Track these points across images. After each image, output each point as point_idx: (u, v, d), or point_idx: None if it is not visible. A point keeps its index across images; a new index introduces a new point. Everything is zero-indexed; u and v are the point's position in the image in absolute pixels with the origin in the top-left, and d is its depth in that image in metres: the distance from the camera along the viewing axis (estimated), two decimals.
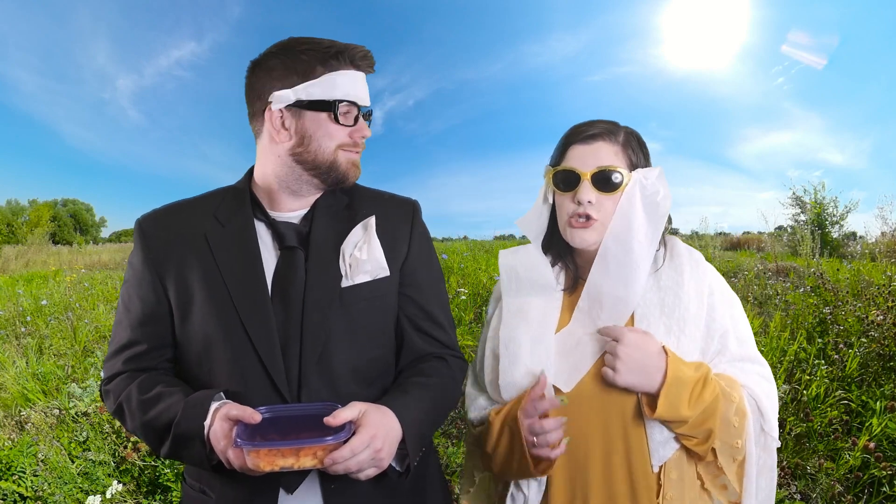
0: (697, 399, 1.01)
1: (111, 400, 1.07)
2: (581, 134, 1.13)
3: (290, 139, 1.07)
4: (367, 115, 1.12)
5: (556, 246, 1.20)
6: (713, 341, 1.09)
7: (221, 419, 0.93)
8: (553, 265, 1.21)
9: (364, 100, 1.08)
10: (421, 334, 1.15)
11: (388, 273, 1.10)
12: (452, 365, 1.16)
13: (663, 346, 1.05)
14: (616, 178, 1.10)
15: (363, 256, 1.08)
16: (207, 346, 1.04)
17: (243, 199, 1.12)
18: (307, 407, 0.97)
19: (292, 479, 1.01)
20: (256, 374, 1.02)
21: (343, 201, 1.15)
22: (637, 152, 1.14)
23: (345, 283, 1.07)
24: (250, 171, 1.15)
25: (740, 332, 1.11)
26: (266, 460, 0.86)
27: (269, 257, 1.08)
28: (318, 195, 1.13)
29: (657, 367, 1.02)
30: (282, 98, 1.06)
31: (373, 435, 0.92)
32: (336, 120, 1.05)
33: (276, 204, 1.11)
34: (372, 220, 1.11)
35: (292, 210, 1.12)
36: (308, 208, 1.12)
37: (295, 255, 1.07)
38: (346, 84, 1.06)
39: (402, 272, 1.14)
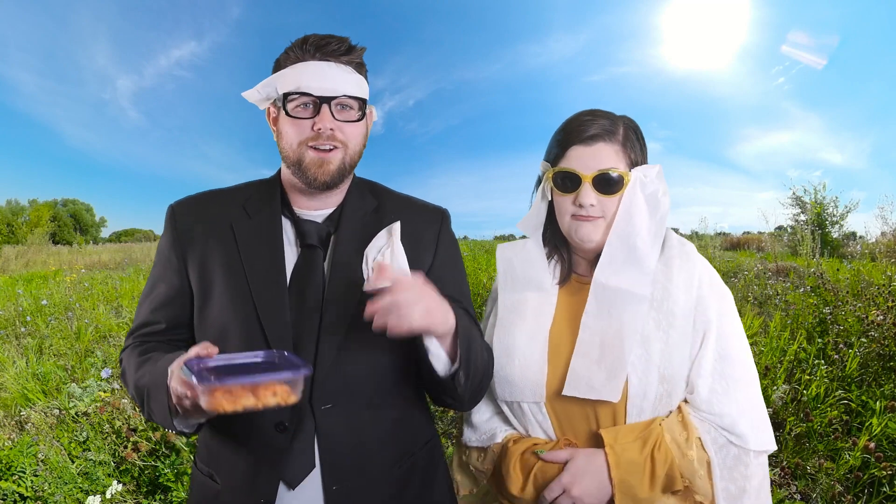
0: (652, 479, 1.02)
1: (121, 369, 1.11)
2: (581, 134, 1.11)
3: (276, 136, 1.11)
4: (361, 105, 1.08)
5: (554, 239, 1.21)
6: (699, 335, 1.08)
7: (180, 360, 0.90)
8: (549, 258, 1.22)
9: (323, 89, 1.03)
10: None
11: None
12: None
13: (604, 449, 1.04)
14: (617, 179, 1.09)
15: (386, 261, 1.05)
16: (222, 334, 1.04)
17: (273, 194, 1.12)
18: (253, 355, 0.95)
19: (295, 474, 1.01)
20: None
21: (371, 205, 1.14)
22: (635, 148, 1.13)
23: (367, 287, 1.04)
24: (280, 168, 1.17)
25: (724, 328, 1.09)
26: (227, 399, 0.83)
27: (291, 254, 1.08)
28: (334, 194, 1.12)
29: (606, 480, 1.03)
30: (251, 97, 1.11)
31: (422, 284, 0.92)
32: (288, 113, 1.04)
33: (297, 201, 1.12)
34: (397, 226, 1.09)
35: (317, 209, 1.12)
36: (334, 208, 1.12)
37: (314, 254, 1.08)
38: (299, 75, 1.03)
39: (428, 279, 1.11)
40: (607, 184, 1.09)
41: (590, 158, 1.10)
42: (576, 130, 1.12)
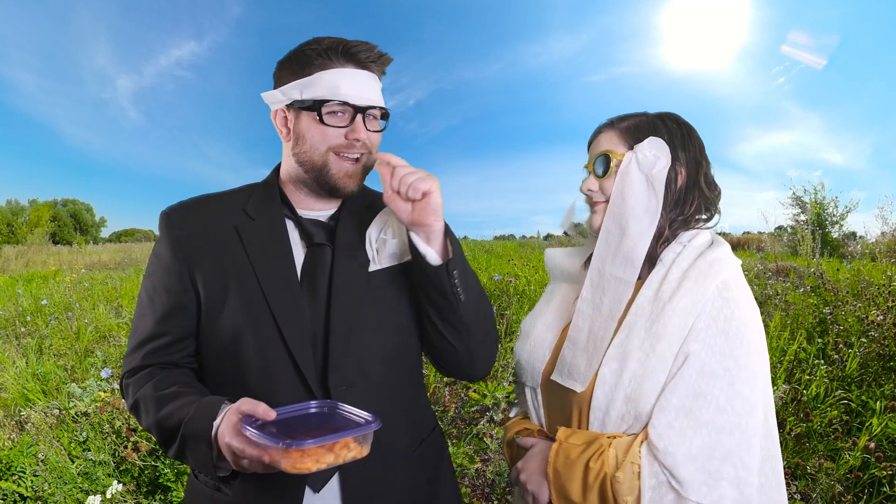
0: (584, 486, 1.00)
1: (130, 396, 1.05)
2: (594, 131, 1.18)
3: (290, 139, 1.08)
4: (383, 115, 1.08)
5: None
6: (678, 365, 0.99)
7: (231, 413, 0.88)
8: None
9: (361, 98, 1.03)
10: None
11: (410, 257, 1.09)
12: None
13: (550, 451, 1.06)
14: (605, 159, 1.10)
15: (390, 238, 1.07)
16: (236, 338, 1.02)
17: (272, 195, 1.11)
18: (303, 406, 0.95)
19: (317, 478, 1.00)
20: (284, 368, 1.01)
21: (365, 202, 1.15)
22: (639, 135, 1.09)
23: (372, 268, 1.07)
24: (277, 168, 1.15)
25: (712, 367, 0.97)
26: (313, 458, 0.81)
27: (297, 254, 1.08)
28: (337, 197, 1.12)
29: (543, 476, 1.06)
30: (273, 98, 1.08)
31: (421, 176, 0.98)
32: (321, 120, 1.02)
33: (299, 202, 1.11)
34: None
35: (321, 209, 1.11)
36: (334, 210, 1.12)
37: (323, 252, 1.07)
38: (336, 82, 1.02)
39: None
40: (600, 167, 1.12)
41: (593, 148, 1.15)
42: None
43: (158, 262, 1.08)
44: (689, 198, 1.10)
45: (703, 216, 1.12)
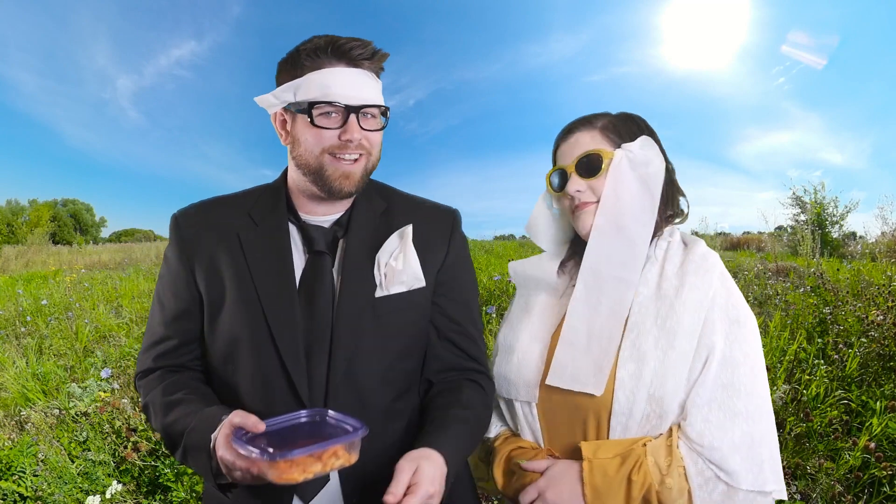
0: (627, 500, 0.97)
1: (142, 397, 1.08)
2: (562, 134, 1.15)
3: (288, 142, 1.06)
4: (384, 113, 1.05)
5: (575, 243, 1.20)
6: (701, 359, 1.00)
7: (224, 426, 0.89)
8: (569, 260, 1.20)
9: (353, 98, 0.99)
10: (448, 343, 1.12)
11: (423, 284, 1.07)
12: (487, 391, 1.13)
13: (581, 463, 1.01)
14: (595, 158, 1.08)
15: (399, 266, 1.04)
16: (234, 344, 1.02)
17: (278, 199, 1.09)
18: (295, 416, 0.94)
19: (308, 488, 0.99)
20: (278, 378, 1.00)
21: (381, 207, 1.11)
22: (619, 131, 1.10)
23: (379, 293, 1.04)
24: (286, 171, 1.12)
25: (733, 356, 1.00)
26: (300, 468, 0.81)
27: (299, 260, 1.05)
28: (343, 200, 1.08)
29: (580, 492, 1.00)
30: (266, 102, 1.06)
31: (430, 493, 0.89)
32: (313, 123, 0.99)
33: (304, 206, 1.08)
34: (409, 230, 1.07)
35: (325, 214, 1.08)
36: (342, 213, 1.09)
37: (323, 260, 1.04)
38: (327, 83, 0.98)
39: (436, 281, 1.10)
40: (587, 167, 1.09)
41: (570, 149, 1.12)
42: (560, 133, 1.16)
43: (167, 266, 1.09)
44: (670, 194, 1.13)
45: (673, 212, 1.14)
